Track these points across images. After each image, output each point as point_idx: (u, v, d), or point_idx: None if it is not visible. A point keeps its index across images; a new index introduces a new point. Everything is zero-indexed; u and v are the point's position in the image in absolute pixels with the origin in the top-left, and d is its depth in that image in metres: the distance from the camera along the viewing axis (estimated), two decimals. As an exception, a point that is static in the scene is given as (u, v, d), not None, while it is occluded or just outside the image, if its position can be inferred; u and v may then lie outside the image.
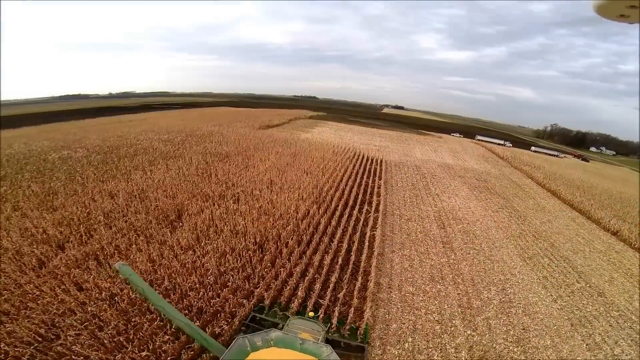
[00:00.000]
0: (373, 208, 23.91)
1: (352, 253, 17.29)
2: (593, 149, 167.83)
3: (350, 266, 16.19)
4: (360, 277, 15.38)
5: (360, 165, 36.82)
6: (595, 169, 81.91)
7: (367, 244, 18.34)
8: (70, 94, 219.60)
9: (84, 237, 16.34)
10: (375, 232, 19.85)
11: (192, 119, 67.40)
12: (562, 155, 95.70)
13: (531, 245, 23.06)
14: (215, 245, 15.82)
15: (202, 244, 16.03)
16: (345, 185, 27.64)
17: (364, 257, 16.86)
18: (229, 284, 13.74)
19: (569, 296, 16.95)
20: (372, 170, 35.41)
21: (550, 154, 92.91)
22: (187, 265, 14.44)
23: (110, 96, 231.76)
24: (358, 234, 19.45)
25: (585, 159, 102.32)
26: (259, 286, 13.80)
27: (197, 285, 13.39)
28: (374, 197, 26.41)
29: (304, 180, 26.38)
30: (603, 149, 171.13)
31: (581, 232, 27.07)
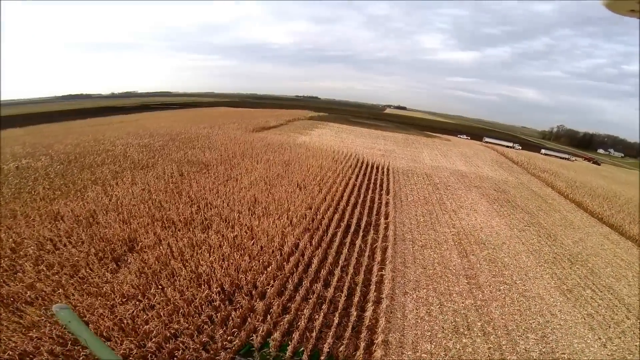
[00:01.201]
0: (381, 234, 19.40)
1: (353, 305, 12.94)
2: (601, 150, 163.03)
3: (351, 323, 12.00)
4: (363, 341, 11.23)
5: (364, 175, 32.39)
6: (609, 173, 77.51)
7: (373, 287, 14.03)
8: (73, 93, 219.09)
9: (3, 276, 12.78)
10: (383, 271, 15.44)
11: (185, 120, 64.00)
12: (573, 159, 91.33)
13: (569, 273, 19.52)
14: (166, 296, 11.74)
15: (151, 291, 11.97)
16: (347, 204, 23.11)
17: (368, 311, 12.52)
18: (178, 353, 9.81)
19: (620, 337, 14.19)
20: (378, 182, 30.95)
21: (561, 157, 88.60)
22: (124, 321, 10.67)
23: (112, 96, 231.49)
24: (361, 274, 15.07)
25: (597, 162, 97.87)
26: (218, 358, 9.83)
27: (133, 352, 9.89)
28: (381, 218, 21.85)
29: (296, 198, 22.03)
30: (611, 150, 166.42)
31: (618, 253, 23.66)
